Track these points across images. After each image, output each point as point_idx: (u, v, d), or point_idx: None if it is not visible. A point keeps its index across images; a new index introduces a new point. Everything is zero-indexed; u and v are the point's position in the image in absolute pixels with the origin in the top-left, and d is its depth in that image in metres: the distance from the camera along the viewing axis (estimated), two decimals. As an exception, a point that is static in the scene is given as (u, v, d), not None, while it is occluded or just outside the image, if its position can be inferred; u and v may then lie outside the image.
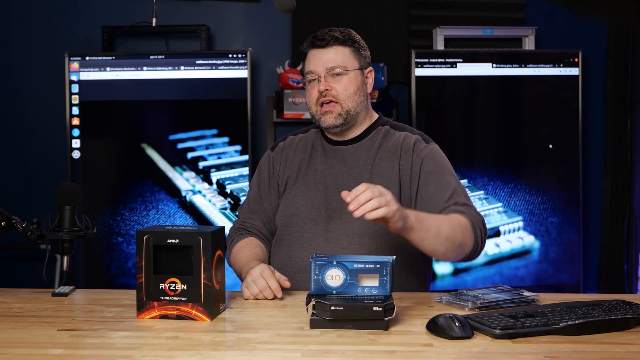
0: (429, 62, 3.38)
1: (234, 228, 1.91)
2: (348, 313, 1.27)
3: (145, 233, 1.36)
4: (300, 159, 1.87)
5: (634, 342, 1.20)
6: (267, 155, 1.94)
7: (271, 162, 1.91)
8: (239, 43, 3.68)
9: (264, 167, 1.92)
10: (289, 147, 1.91)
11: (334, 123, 1.78)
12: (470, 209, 1.70)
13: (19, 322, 1.36)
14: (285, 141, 1.93)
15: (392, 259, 1.35)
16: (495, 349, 1.16)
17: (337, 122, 1.78)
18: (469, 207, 1.71)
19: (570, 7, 3.39)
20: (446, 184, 1.73)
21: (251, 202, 1.91)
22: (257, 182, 1.92)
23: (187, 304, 1.36)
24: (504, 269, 3.38)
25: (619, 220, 3.66)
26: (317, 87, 1.78)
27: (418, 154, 1.77)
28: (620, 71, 3.65)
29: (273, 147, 1.95)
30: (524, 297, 1.48)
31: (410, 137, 1.82)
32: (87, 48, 3.55)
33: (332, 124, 1.78)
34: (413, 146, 1.79)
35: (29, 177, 3.64)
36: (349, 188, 1.74)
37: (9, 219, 1.67)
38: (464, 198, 1.72)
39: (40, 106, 3.63)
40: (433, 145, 1.82)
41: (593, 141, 3.71)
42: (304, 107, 3.37)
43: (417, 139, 1.81)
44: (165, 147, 3.35)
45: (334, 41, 1.78)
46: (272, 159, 1.91)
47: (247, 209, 1.91)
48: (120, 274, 3.35)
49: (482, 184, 3.39)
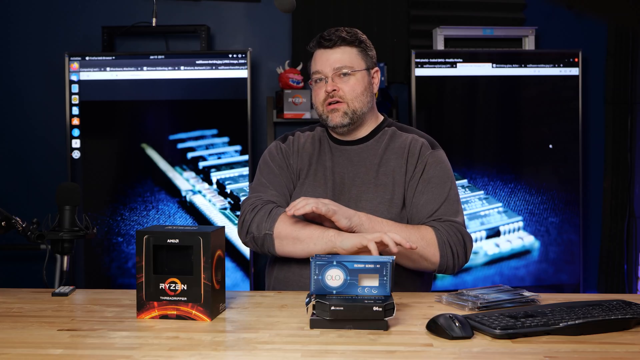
0: (429, 62, 3.38)
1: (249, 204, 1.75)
2: (348, 313, 1.27)
3: (145, 233, 1.36)
4: (310, 153, 1.85)
5: (634, 342, 1.20)
6: (276, 145, 1.88)
7: (284, 152, 1.86)
8: (239, 43, 3.68)
9: (275, 156, 1.85)
10: (298, 141, 1.88)
11: (341, 122, 1.78)
12: (450, 226, 1.70)
13: (19, 322, 1.36)
14: (294, 136, 1.90)
15: (392, 259, 1.35)
16: (495, 349, 1.16)
17: (344, 122, 1.78)
18: (451, 223, 1.71)
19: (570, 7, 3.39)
20: (438, 196, 1.74)
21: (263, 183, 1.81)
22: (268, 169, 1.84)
23: (187, 304, 1.36)
24: (504, 269, 3.38)
25: (619, 220, 3.66)
26: (324, 88, 1.79)
27: (422, 159, 1.78)
28: (620, 71, 3.65)
29: (283, 139, 1.90)
30: (524, 297, 1.48)
31: (418, 140, 1.82)
32: (87, 48, 3.55)
33: (339, 122, 1.78)
34: (419, 150, 1.79)
35: (29, 177, 3.64)
36: (355, 187, 1.77)
37: (9, 219, 1.67)
38: (450, 214, 1.73)
39: (40, 106, 3.63)
40: (439, 151, 1.82)
41: (593, 141, 3.71)
42: (304, 107, 3.38)
43: (424, 143, 1.81)
44: (165, 147, 3.35)
45: (341, 41, 1.79)
46: (284, 150, 1.86)
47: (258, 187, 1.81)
48: (120, 274, 3.35)
49: (482, 184, 3.39)
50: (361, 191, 1.77)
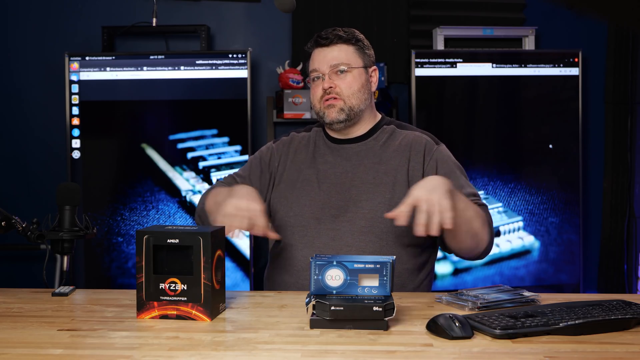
0: (429, 62, 3.38)
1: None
2: (348, 313, 1.27)
3: (145, 233, 1.36)
4: (302, 158, 1.87)
5: (634, 342, 1.20)
6: (269, 145, 1.95)
7: (271, 152, 1.92)
8: (239, 43, 3.68)
9: (263, 154, 1.93)
10: (291, 144, 1.91)
11: (337, 118, 1.79)
12: (485, 208, 1.72)
13: (19, 322, 1.36)
14: (288, 137, 1.94)
15: (392, 259, 1.35)
16: (495, 349, 1.16)
17: (340, 118, 1.79)
18: (483, 206, 1.73)
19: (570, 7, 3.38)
20: (463, 185, 1.75)
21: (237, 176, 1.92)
22: (250, 165, 1.92)
23: (187, 304, 1.36)
24: (504, 269, 3.38)
25: (619, 220, 3.66)
26: (321, 85, 1.80)
27: (431, 156, 1.78)
28: (620, 71, 3.65)
29: (276, 140, 1.96)
30: (524, 297, 1.48)
31: (420, 137, 1.82)
32: (87, 48, 3.55)
33: (335, 118, 1.79)
34: (424, 147, 1.79)
35: (29, 177, 3.64)
36: (354, 186, 1.76)
37: (9, 219, 1.67)
38: (479, 199, 1.75)
39: (40, 106, 3.63)
40: (443, 146, 1.84)
41: (593, 141, 3.71)
42: (304, 107, 3.37)
43: (427, 139, 1.82)
44: (165, 147, 3.35)
45: (338, 39, 1.80)
46: (273, 150, 1.92)
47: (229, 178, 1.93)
48: (120, 274, 3.35)
49: (482, 184, 3.39)
50: (360, 191, 1.76)
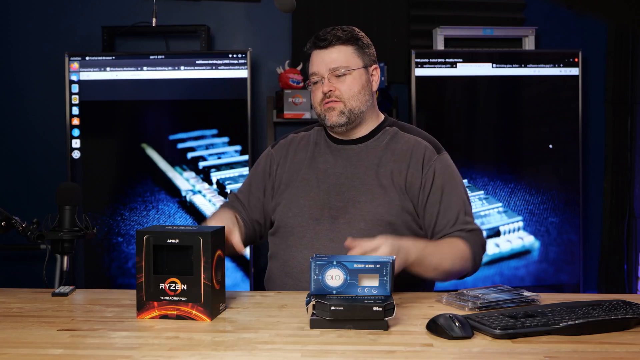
0: (429, 62, 3.38)
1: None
2: (348, 313, 1.27)
3: (145, 233, 1.36)
4: (301, 159, 1.86)
5: (634, 342, 1.20)
6: (267, 152, 1.94)
7: (269, 159, 1.91)
8: (239, 43, 3.68)
9: (262, 163, 1.93)
10: (290, 146, 1.90)
11: (337, 121, 1.77)
12: (475, 234, 1.74)
13: (19, 322, 1.36)
14: (286, 139, 1.93)
15: (391, 258, 1.35)
16: (495, 349, 1.16)
17: (341, 121, 1.77)
18: (474, 232, 1.74)
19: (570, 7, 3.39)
20: (455, 203, 1.75)
21: (239, 192, 1.94)
22: (251, 177, 1.94)
23: (187, 304, 1.35)
24: (504, 269, 3.38)
25: (619, 220, 3.66)
26: (321, 89, 1.78)
27: (430, 165, 1.76)
28: (620, 71, 3.65)
29: (274, 144, 1.95)
30: (524, 297, 1.48)
31: (421, 143, 1.80)
32: (87, 48, 3.55)
33: (336, 122, 1.77)
34: (424, 155, 1.78)
35: (29, 177, 3.64)
36: (354, 188, 1.76)
37: (9, 219, 1.67)
38: (470, 219, 1.77)
39: (40, 106, 3.63)
40: (444, 155, 1.81)
41: (593, 141, 3.71)
42: (304, 107, 3.38)
43: (428, 147, 1.80)
44: (165, 147, 3.35)
45: (336, 40, 1.77)
46: (272, 156, 1.91)
47: (232, 196, 1.95)
48: (120, 274, 3.35)
49: (482, 184, 3.39)
50: (360, 192, 1.76)
